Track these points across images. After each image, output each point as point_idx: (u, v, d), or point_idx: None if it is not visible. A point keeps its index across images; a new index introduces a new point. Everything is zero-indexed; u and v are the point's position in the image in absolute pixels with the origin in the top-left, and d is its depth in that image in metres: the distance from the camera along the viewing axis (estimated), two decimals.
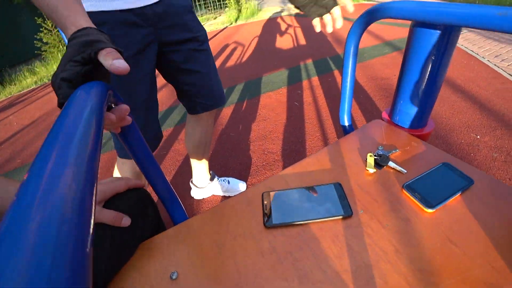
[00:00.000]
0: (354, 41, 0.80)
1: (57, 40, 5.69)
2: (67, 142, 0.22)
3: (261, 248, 0.47)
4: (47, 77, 5.20)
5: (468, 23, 0.53)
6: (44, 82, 4.99)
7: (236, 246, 0.48)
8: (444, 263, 0.41)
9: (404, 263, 0.42)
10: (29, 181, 0.17)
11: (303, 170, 0.64)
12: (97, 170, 0.23)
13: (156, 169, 0.55)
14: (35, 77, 5.29)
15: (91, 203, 0.19)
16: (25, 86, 5.04)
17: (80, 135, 0.23)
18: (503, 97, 2.06)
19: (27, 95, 4.50)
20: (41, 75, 5.38)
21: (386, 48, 3.53)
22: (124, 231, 0.46)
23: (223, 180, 1.40)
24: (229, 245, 0.48)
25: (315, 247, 0.46)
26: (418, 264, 0.42)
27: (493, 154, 1.48)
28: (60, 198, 0.16)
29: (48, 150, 0.20)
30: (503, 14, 0.46)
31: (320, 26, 0.72)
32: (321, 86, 2.61)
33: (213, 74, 1.01)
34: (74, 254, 0.14)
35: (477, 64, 2.72)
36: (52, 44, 5.74)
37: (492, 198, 0.51)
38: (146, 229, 0.52)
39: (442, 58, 0.71)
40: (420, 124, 0.83)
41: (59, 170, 0.18)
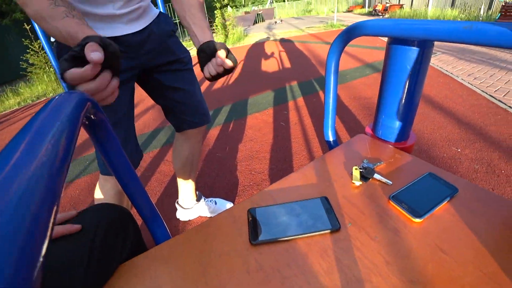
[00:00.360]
0: (334, 58, 0.83)
1: (43, 61, 5.67)
2: (30, 151, 0.20)
3: (248, 266, 0.45)
4: (31, 98, 5.14)
5: (438, 37, 0.55)
6: (28, 103, 4.91)
7: (221, 265, 0.45)
8: (436, 272, 0.40)
9: (395, 275, 0.41)
10: None
11: (290, 186, 0.63)
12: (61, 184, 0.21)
13: (138, 186, 0.53)
14: (18, 98, 5.23)
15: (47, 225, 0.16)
16: (7, 107, 4.91)
17: (47, 146, 0.22)
18: (478, 112, 2.16)
19: (9, 115, 4.38)
20: (25, 96, 5.30)
21: (367, 69, 3.69)
22: (102, 251, 0.44)
23: (210, 200, 1.37)
24: (214, 264, 0.46)
25: (304, 263, 0.44)
26: (409, 275, 0.41)
27: (474, 166, 1.52)
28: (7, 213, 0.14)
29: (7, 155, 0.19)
30: (468, 28, 0.48)
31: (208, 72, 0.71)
32: (306, 106, 2.66)
33: (198, 92, 1.03)
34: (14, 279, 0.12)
35: (453, 83, 2.86)
36: (38, 65, 5.70)
37: (477, 204, 0.51)
38: (125, 250, 0.49)
39: (418, 72, 0.73)
40: (402, 137, 0.85)
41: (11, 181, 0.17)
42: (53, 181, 0.19)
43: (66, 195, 1.75)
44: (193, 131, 1.08)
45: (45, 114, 0.26)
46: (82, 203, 1.67)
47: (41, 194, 0.17)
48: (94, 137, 0.45)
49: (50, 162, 0.20)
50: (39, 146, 0.21)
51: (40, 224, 0.16)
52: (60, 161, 0.22)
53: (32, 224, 0.15)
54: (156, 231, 0.58)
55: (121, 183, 0.51)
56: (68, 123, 0.26)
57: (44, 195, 0.17)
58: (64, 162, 0.23)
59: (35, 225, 0.15)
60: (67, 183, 1.89)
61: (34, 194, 0.16)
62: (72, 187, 1.84)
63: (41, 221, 0.16)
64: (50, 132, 0.23)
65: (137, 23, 0.84)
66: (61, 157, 0.22)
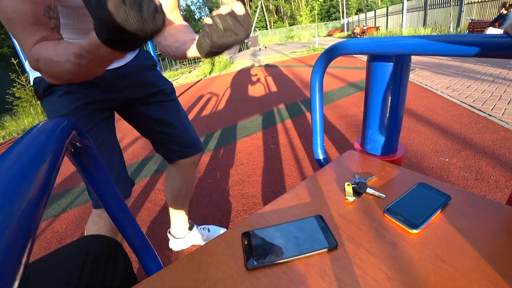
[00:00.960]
0: (318, 78, 0.85)
1: (30, 94, 5.65)
2: (5, 181, 0.19)
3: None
4: (16, 132, 5.07)
5: (413, 51, 0.58)
6: (13, 137, 4.83)
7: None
8: (439, 283, 0.39)
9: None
10: None
11: (283, 206, 0.62)
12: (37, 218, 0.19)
13: (128, 216, 0.51)
14: (3, 132, 5.16)
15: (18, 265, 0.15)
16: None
17: (25, 175, 0.20)
18: (460, 122, 2.23)
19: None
20: (10, 130, 5.24)
21: (351, 89, 3.80)
22: (91, 283, 0.41)
23: (203, 228, 1.33)
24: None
25: (303, 286, 0.42)
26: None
27: (464, 174, 1.54)
28: None
29: None
30: (440, 40, 0.51)
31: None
32: (294, 128, 2.69)
33: (184, 121, 1.01)
34: None
35: (433, 96, 2.97)
36: (25, 98, 5.68)
37: (471, 210, 0.51)
38: (115, 282, 0.46)
39: (399, 86, 0.76)
40: (391, 150, 0.86)
41: None
42: (29, 214, 0.18)
43: (52, 229, 1.67)
44: (185, 161, 1.05)
45: (26, 140, 0.25)
46: (70, 237, 1.59)
47: (13, 230, 0.16)
48: (80, 165, 0.43)
49: (27, 193, 0.19)
50: (16, 175, 0.20)
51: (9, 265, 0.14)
52: (38, 192, 0.21)
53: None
54: (147, 262, 0.55)
55: (110, 214, 0.49)
56: (50, 150, 0.25)
57: (17, 231, 0.16)
58: (43, 193, 0.21)
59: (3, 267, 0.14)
60: (53, 217, 1.81)
61: (4, 230, 0.15)
62: (59, 221, 1.76)
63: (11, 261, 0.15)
64: (30, 160, 0.22)
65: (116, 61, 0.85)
66: (40, 187, 0.21)
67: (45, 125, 0.30)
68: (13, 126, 5.42)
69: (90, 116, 0.79)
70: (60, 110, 0.77)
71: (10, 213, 0.16)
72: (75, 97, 0.77)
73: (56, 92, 0.77)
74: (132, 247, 0.55)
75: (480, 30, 6.82)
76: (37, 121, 5.29)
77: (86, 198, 2.02)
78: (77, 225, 1.70)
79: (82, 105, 0.77)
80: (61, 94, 0.76)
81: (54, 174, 0.25)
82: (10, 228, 0.15)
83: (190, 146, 1.02)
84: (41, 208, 0.20)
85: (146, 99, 0.91)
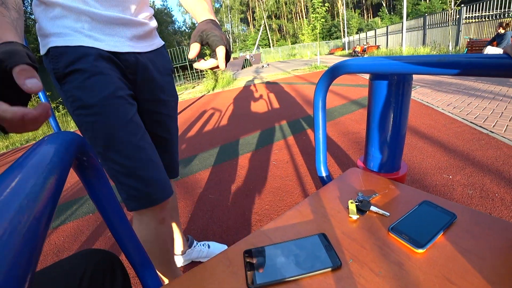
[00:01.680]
0: (321, 96, 0.86)
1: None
2: (12, 193, 0.19)
3: None
4: (20, 142, 5.12)
5: (415, 70, 0.59)
6: (16, 146, 4.87)
7: None
8: None
9: None
10: None
11: (285, 224, 0.61)
12: (44, 231, 0.20)
13: (128, 231, 0.50)
14: (7, 141, 5.21)
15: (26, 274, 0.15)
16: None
17: (33, 188, 0.21)
18: (462, 138, 2.22)
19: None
20: (13, 140, 5.31)
21: (353, 106, 3.83)
22: None
23: (203, 244, 1.30)
24: None
25: None
26: None
27: (468, 191, 1.52)
28: None
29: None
30: (441, 60, 0.52)
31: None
32: (296, 144, 2.69)
33: (174, 144, 0.94)
34: None
35: (434, 113, 2.98)
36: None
37: (477, 229, 0.50)
38: None
39: (401, 104, 0.76)
40: (394, 168, 0.86)
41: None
42: (35, 226, 0.18)
43: (49, 242, 1.65)
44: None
45: (34, 153, 0.25)
46: (67, 250, 1.57)
47: (20, 242, 0.16)
48: (83, 178, 0.43)
49: (33, 205, 0.19)
50: (22, 188, 0.20)
51: (18, 273, 0.14)
52: (45, 205, 0.21)
53: (9, 274, 0.14)
54: (146, 278, 0.54)
55: (110, 227, 0.48)
56: (57, 164, 0.26)
57: (24, 243, 0.16)
58: (50, 206, 0.22)
59: (12, 275, 0.14)
60: (51, 229, 1.79)
61: (12, 243, 0.15)
62: (56, 233, 1.74)
63: (19, 269, 0.15)
64: (37, 173, 0.23)
65: (142, 42, 0.76)
66: (47, 200, 0.21)
67: (54, 138, 0.31)
68: (16, 136, 5.50)
69: (128, 105, 0.69)
70: (88, 100, 0.64)
71: (17, 227, 0.16)
72: (106, 80, 0.66)
73: (81, 74, 0.64)
74: (132, 262, 0.54)
75: (478, 48, 6.93)
76: (41, 132, 5.33)
77: (85, 211, 2.00)
78: (75, 238, 1.67)
79: (116, 89, 0.67)
80: (87, 77, 0.64)
81: (60, 188, 0.25)
82: (17, 243, 0.15)
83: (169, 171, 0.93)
84: (47, 223, 0.20)
85: (149, 103, 0.82)
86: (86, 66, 0.63)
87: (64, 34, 0.63)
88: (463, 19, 9.52)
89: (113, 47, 0.69)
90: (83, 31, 0.65)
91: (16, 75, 0.36)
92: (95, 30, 0.66)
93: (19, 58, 0.38)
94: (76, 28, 0.64)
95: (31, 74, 0.37)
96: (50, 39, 0.64)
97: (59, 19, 0.63)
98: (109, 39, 0.68)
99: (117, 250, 1.43)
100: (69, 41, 0.63)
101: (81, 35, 0.64)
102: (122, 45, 0.70)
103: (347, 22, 35.28)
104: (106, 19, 0.66)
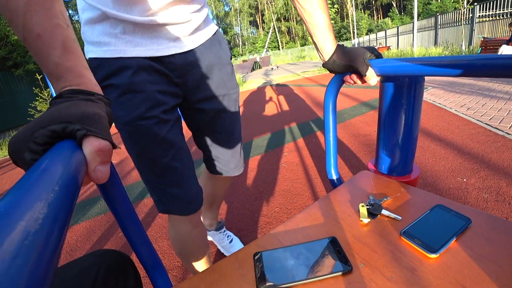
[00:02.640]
0: (331, 98, 0.86)
1: None
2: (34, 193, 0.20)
3: None
4: None
5: (428, 72, 0.58)
6: None
7: None
8: None
9: None
10: None
11: (296, 227, 0.61)
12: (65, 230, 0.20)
13: (140, 232, 0.51)
14: None
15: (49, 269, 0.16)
16: None
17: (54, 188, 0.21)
18: (477, 140, 2.17)
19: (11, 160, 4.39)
20: None
21: (364, 108, 3.79)
22: None
23: (228, 236, 1.32)
24: None
25: None
26: None
27: (483, 195, 1.48)
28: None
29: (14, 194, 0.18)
30: (455, 62, 0.51)
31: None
32: (306, 146, 2.68)
33: (237, 139, 0.91)
34: None
35: (447, 115, 2.92)
36: None
37: (493, 234, 0.49)
38: None
39: (413, 106, 0.75)
40: (406, 171, 0.84)
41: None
42: (57, 225, 0.19)
43: None
44: (219, 176, 0.96)
45: (51, 157, 0.26)
46: (80, 250, 1.60)
47: (43, 239, 0.16)
48: None
49: (55, 205, 0.20)
50: (43, 189, 0.21)
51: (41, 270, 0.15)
52: (66, 205, 0.22)
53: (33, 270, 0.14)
54: (157, 279, 0.55)
55: (123, 229, 0.49)
56: (74, 166, 0.26)
57: (46, 240, 0.17)
58: (70, 205, 0.23)
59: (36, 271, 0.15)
60: None
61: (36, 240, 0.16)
62: (69, 233, 1.79)
63: (42, 268, 0.15)
64: (55, 175, 0.23)
65: (190, 39, 0.70)
66: (68, 200, 0.22)
67: (66, 143, 0.31)
68: None
69: (159, 124, 0.67)
70: (121, 116, 0.63)
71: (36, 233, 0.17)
72: (138, 98, 0.63)
73: (114, 90, 0.62)
74: (143, 263, 0.55)
75: (492, 48, 6.76)
76: None
77: (97, 211, 2.04)
78: (88, 238, 1.71)
79: (148, 109, 0.64)
80: (120, 94, 0.62)
81: (78, 189, 0.26)
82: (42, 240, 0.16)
83: (231, 167, 0.93)
84: (66, 226, 0.21)
85: (208, 102, 0.78)
86: (120, 82, 0.62)
87: (102, 44, 0.61)
88: (476, 18, 9.32)
89: (156, 51, 0.64)
90: (123, 36, 0.61)
91: (89, 153, 0.29)
92: (135, 34, 0.62)
93: (101, 129, 0.30)
94: (115, 33, 0.61)
95: (107, 159, 0.30)
96: (89, 49, 0.63)
97: (99, 23, 0.61)
98: (151, 42, 0.63)
99: (127, 250, 1.45)
100: (106, 52, 0.61)
101: (120, 41, 0.61)
102: (165, 47, 0.65)
103: (357, 23, 35.00)
104: (146, 22, 0.61)
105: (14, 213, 0.16)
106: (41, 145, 0.27)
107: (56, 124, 0.28)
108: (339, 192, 0.74)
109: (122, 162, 3.21)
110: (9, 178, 3.47)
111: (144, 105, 0.64)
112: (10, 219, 0.16)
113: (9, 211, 0.17)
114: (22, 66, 9.89)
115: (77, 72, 0.34)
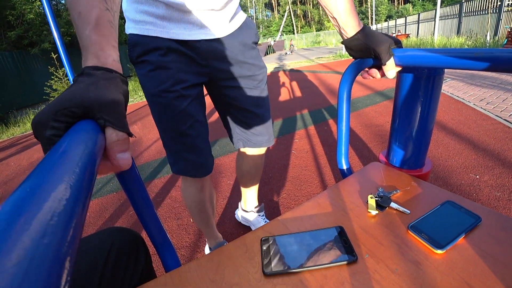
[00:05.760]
0: (346, 87, 0.84)
1: (66, 87, 6.21)
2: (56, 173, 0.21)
3: None
4: None
5: (451, 64, 0.56)
6: None
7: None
8: None
9: None
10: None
11: (303, 214, 0.62)
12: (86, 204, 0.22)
13: (151, 212, 0.53)
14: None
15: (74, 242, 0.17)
16: (28, 129, 5.12)
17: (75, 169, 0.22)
18: (494, 137, 2.10)
19: (29, 137, 4.56)
20: None
21: (378, 97, 3.71)
22: (113, 273, 0.43)
23: (264, 221, 1.36)
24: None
25: None
26: None
27: (495, 193, 1.46)
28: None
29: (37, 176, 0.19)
30: (478, 54, 0.49)
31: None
32: (317, 134, 2.66)
33: (266, 114, 0.98)
34: None
35: (465, 108, 2.83)
36: (61, 91, 6.19)
37: (503, 234, 0.48)
38: (136, 274, 0.49)
39: (431, 99, 0.73)
40: (417, 164, 0.83)
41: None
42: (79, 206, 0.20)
43: None
44: (251, 149, 1.05)
45: (70, 140, 0.27)
46: (92, 226, 1.67)
47: (66, 219, 0.18)
48: None
49: (76, 187, 0.21)
50: (65, 172, 0.22)
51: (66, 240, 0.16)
52: (86, 186, 0.23)
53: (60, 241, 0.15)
54: (167, 258, 0.57)
55: (135, 207, 0.51)
56: (93, 150, 0.27)
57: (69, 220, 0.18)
58: (89, 186, 0.24)
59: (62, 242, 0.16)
60: None
61: (61, 220, 0.17)
62: None
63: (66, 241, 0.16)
64: (76, 156, 0.24)
65: (216, 28, 0.77)
66: (87, 181, 0.23)
67: (85, 125, 0.32)
68: None
69: (180, 98, 0.77)
70: (150, 89, 0.77)
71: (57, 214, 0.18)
72: (165, 75, 0.74)
73: (147, 65, 0.74)
74: (153, 242, 0.57)
75: None
76: None
77: (110, 189, 2.11)
78: (100, 215, 1.77)
79: (172, 84, 0.75)
80: (151, 69, 0.74)
81: (97, 168, 0.27)
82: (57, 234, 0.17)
83: (262, 139, 1.00)
84: (86, 206, 0.22)
85: (234, 81, 0.86)
86: (152, 59, 0.73)
87: (139, 22, 0.71)
88: (505, 7, 8.81)
89: (184, 35, 0.73)
90: (156, 19, 0.70)
91: (108, 143, 0.32)
92: (172, 17, 0.71)
93: (118, 120, 0.33)
94: (155, 14, 0.70)
95: (125, 147, 0.34)
96: (130, 25, 0.73)
97: (142, 4, 0.70)
98: (181, 26, 0.72)
99: (137, 228, 1.51)
100: (143, 30, 0.71)
101: (159, 22, 0.71)
102: (193, 33, 0.74)
103: (376, 9, 33.64)
104: (181, 6, 0.69)
105: (39, 194, 0.17)
106: (62, 123, 0.30)
107: (77, 107, 0.31)
108: (349, 182, 0.74)
109: (134, 143, 3.27)
110: (26, 154, 3.58)
111: (169, 81, 0.75)
112: (38, 200, 0.17)
113: (35, 192, 0.17)
114: (37, 45, 9.99)
115: (100, 46, 0.38)
